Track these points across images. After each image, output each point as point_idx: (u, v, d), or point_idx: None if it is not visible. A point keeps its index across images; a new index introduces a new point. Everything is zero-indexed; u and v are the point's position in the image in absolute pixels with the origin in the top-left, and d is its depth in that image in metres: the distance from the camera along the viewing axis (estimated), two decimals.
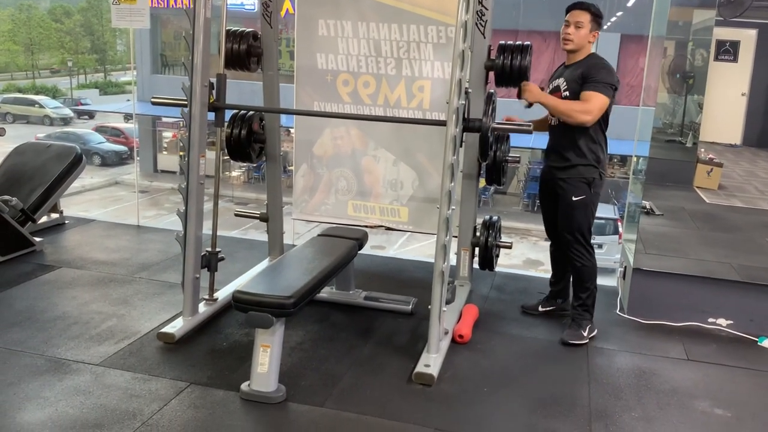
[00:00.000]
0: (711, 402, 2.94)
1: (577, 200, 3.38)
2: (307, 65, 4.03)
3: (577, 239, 3.43)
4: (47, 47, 37.71)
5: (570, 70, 3.39)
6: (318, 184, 4.23)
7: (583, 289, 3.49)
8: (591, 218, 3.44)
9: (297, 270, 3.11)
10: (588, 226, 3.43)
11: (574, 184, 3.38)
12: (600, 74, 3.25)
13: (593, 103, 3.23)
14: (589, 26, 3.33)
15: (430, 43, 3.83)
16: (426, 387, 2.92)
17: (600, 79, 3.23)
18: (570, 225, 3.43)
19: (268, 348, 2.73)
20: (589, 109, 3.23)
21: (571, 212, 3.41)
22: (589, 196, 3.38)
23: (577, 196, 3.38)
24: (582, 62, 3.35)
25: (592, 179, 3.37)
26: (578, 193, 3.38)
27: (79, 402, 2.68)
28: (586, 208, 3.40)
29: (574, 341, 3.41)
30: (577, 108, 3.26)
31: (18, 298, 3.69)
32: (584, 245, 3.44)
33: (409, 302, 3.71)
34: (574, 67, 3.37)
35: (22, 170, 4.84)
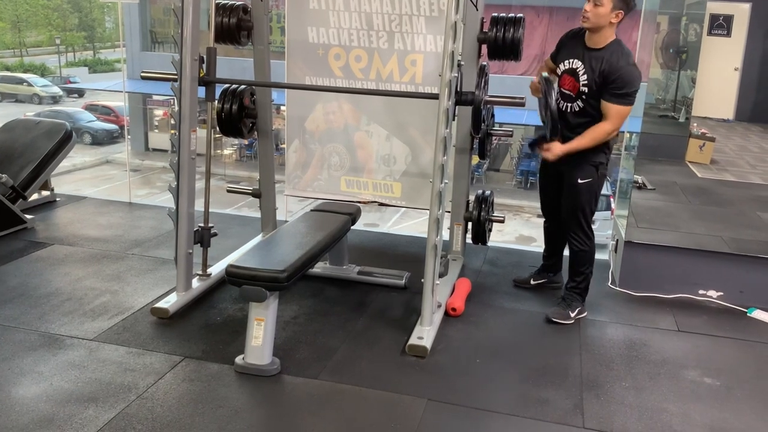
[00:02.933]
0: (700, 371, 2.98)
1: (583, 183, 3.27)
2: (298, 39, 3.99)
3: (579, 223, 3.34)
4: (34, 24, 37.12)
5: (590, 56, 3.14)
6: (310, 159, 4.21)
7: (578, 273, 3.42)
8: (594, 202, 3.34)
9: (290, 244, 3.12)
10: (591, 210, 3.34)
11: (580, 166, 3.26)
12: (626, 82, 3.04)
13: (617, 120, 3.10)
14: (611, 4, 3.02)
15: (423, 16, 3.80)
16: (419, 359, 2.94)
17: (626, 89, 3.05)
18: (573, 207, 3.34)
19: (262, 321, 2.74)
20: (613, 128, 3.13)
21: (576, 194, 3.31)
22: (595, 180, 3.28)
23: (583, 179, 3.26)
24: (604, 52, 3.10)
25: (599, 163, 3.26)
26: (585, 175, 3.26)
27: (74, 376, 2.69)
28: (591, 191, 3.29)
29: (559, 320, 3.36)
30: (601, 133, 3.15)
31: (10, 274, 3.68)
32: (584, 230, 3.36)
33: (402, 276, 3.72)
34: (594, 55, 3.12)
35: (11, 147, 4.80)
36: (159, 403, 2.53)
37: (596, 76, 3.10)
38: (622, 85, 3.04)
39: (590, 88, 3.14)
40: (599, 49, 3.11)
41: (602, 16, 3.04)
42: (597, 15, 3.03)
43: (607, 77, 3.06)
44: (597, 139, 3.15)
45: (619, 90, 3.05)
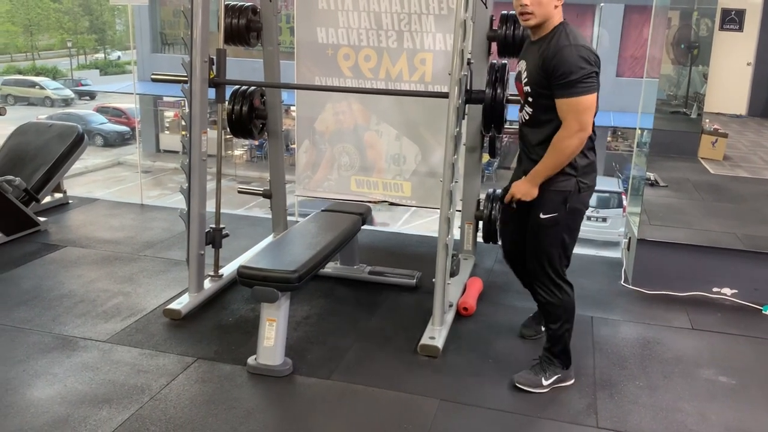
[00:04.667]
0: (715, 370, 2.95)
1: (546, 218, 2.56)
2: (307, 40, 3.99)
3: (543, 269, 2.63)
4: (46, 28, 37.41)
5: (532, 49, 2.55)
6: (320, 160, 4.22)
7: (550, 332, 2.76)
8: (565, 243, 2.62)
9: (301, 245, 3.12)
10: (559, 254, 2.61)
11: (542, 197, 2.56)
12: (569, 64, 2.36)
13: (573, 120, 2.39)
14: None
15: (432, 14, 3.79)
16: (431, 359, 2.94)
17: (573, 75, 2.36)
18: (535, 250, 2.64)
19: (274, 322, 2.74)
20: (573, 131, 2.40)
21: (537, 234, 2.61)
22: (563, 215, 2.55)
23: (546, 213, 2.56)
24: (545, 38, 2.47)
25: (567, 192, 2.53)
26: (547, 209, 2.55)
27: (88, 378, 2.70)
28: (558, 229, 2.58)
29: (526, 387, 2.71)
30: (561, 144, 2.43)
31: (24, 277, 3.71)
32: (551, 277, 2.64)
33: (413, 276, 3.72)
34: (536, 46, 2.51)
35: (24, 150, 4.84)
36: (172, 404, 2.54)
37: (537, 67, 2.48)
38: (566, 70, 2.36)
39: (533, 86, 2.52)
40: (541, 38, 2.50)
41: (546, 4, 2.42)
42: (540, 4, 2.42)
43: (548, 64, 2.41)
44: (562, 154, 2.45)
45: (564, 77, 2.37)
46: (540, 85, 2.48)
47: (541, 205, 2.58)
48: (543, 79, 2.45)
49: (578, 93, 2.38)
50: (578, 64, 2.36)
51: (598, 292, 3.75)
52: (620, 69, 16.88)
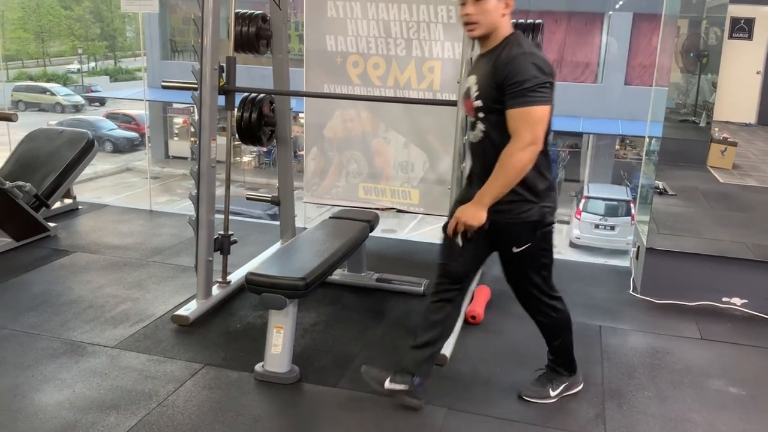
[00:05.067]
0: (725, 381, 2.93)
1: (521, 251, 2.43)
2: (316, 48, 4.01)
3: (533, 296, 2.57)
4: (57, 34, 37.76)
5: (481, 62, 2.39)
6: (328, 166, 4.23)
7: (552, 347, 2.72)
8: (545, 264, 2.52)
9: (309, 252, 3.12)
10: (543, 277, 2.53)
11: (510, 229, 2.41)
12: (520, 72, 2.20)
13: (525, 131, 2.21)
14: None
15: (440, 23, 3.80)
16: (439, 367, 2.92)
17: (526, 84, 2.19)
18: (519, 280, 2.57)
19: (282, 329, 2.74)
20: (524, 144, 2.21)
21: (516, 264, 2.51)
22: (535, 243, 2.43)
23: (519, 246, 2.42)
24: (495, 49, 2.32)
25: (535, 222, 2.39)
26: (519, 242, 2.42)
27: (96, 384, 2.71)
28: (534, 256, 2.47)
29: (533, 399, 2.69)
30: (511, 159, 2.23)
31: (34, 282, 3.73)
32: (543, 301, 2.57)
33: (421, 284, 3.71)
34: (487, 59, 2.34)
35: (35, 156, 4.87)
36: (179, 410, 2.55)
37: (488, 80, 2.30)
38: (518, 78, 2.20)
39: (485, 101, 2.33)
40: (491, 50, 2.34)
41: (491, 12, 2.28)
42: (485, 13, 2.28)
43: (500, 74, 2.25)
44: (512, 170, 2.24)
45: (517, 86, 2.20)
46: (492, 99, 2.29)
47: (510, 239, 2.43)
48: (495, 92, 2.27)
49: (531, 102, 2.20)
50: (531, 72, 2.20)
51: (607, 301, 3.74)
52: (629, 77, 16.86)
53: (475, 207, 2.32)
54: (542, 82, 2.21)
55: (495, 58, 2.29)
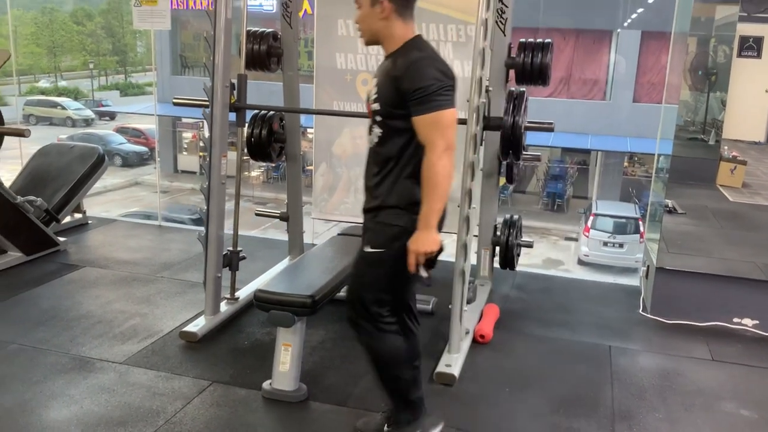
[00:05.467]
0: (737, 403, 2.89)
1: (371, 253, 2.26)
2: (326, 65, 4.04)
3: (362, 303, 2.30)
4: (69, 49, 38.20)
5: (384, 66, 2.27)
6: (337, 183, 4.23)
7: (381, 380, 2.41)
8: (391, 286, 2.30)
9: (317, 269, 3.12)
10: (378, 297, 2.29)
11: (375, 229, 2.26)
12: (420, 76, 2.10)
13: (437, 137, 2.10)
14: (373, 2, 2.19)
15: (450, 41, 3.81)
16: (447, 387, 2.91)
17: (433, 87, 2.09)
18: (354, 283, 2.36)
19: (290, 347, 2.74)
20: (440, 149, 2.09)
21: (360, 266, 2.33)
22: (390, 254, 2.23)
23: (372, 247, 2.26)
24: (396, 54, 2.20)
25: (398, 228, 2.21)
26: (375, 242, 2.25)
27: (104, 400, 2.71)
28: (383, 268, 2.27)
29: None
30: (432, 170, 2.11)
31: (43, 297, 3.74)
32: (371, 313, 2.30)
33: (429, 302, 3.70)
34: (388, 62, 2.24)
35: (46, 171, 4.91)
36: (187, 428, 2.54)
37: (388, 83, 2.19)
38: (421, 84, 2.09)
39: (383, 104, 2.21)
40: (392, 54, 2.23)
41: (366, 19, 2.23)
42: (362, 20, 2.25)
43: (400, 78, 2.14)
44: (440, 179, 2.11)
45: (421, 91, 2.09)
46: (390, 103, 2.18)
47: (370, 236, 2.27)
48: (395, 96, 2.16)
49: (438, 107, 2.10)
50: (434, 76, 2.10)
51: (616, 321, 3.72)
52: (637, 95, 16.88)
53: (425, 233, 2.16)
54: (446, 85, 2.12)
55: (393, 63, 2.19)
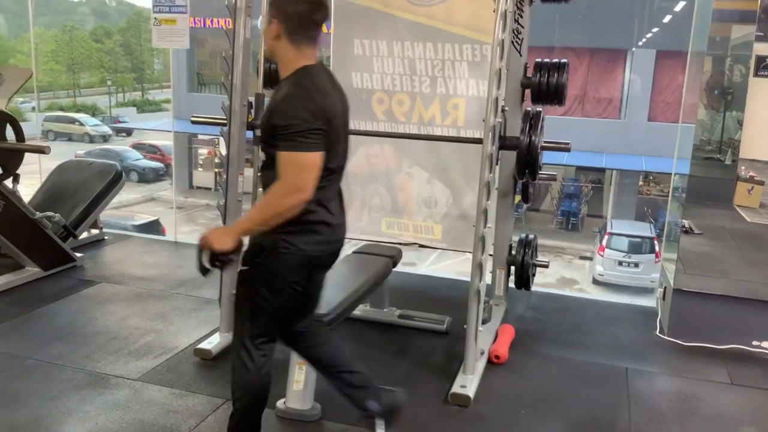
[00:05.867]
0: (756, 428, 2.85)
1: (241, 270, 2.22)
2: (342, 84, 4.05)
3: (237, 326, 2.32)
4: (88, 67, 38.83)
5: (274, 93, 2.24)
6: (352, 201, 4.24)
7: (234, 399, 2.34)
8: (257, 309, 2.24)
9: (332, 287, 3.10)
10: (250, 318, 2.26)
11: (250, 246, 2.20)
12: (283, 114, 2.05)
13: (287, 173, 2.04)
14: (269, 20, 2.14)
15: (465, 61, 3.83)
16: (462, 408, 2.88)
17: (298, 128, 2.02)
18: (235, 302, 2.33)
19: (304, 366, 2.73)
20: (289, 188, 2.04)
21: (237, 285, 2.27)
22: (254, 272, 2.19)
23: (243, 264, 2.20)
24: (284, 82, 2.16)
25: (262, 247, 2.16)
26: (245, 258, 2.19)
27: (119, 417, 2.71)
28: (250, 287, 2.22)
29: None
30: (270, 200, 2.08)
31: (60, 312, 3.77)
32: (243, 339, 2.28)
33: (443, 321, 3.68)
34: (276, 91, 2.21)
35: (64, 187, 4.97)
36: None
37: (268, 110, 2.18)
38: (288, 122, 2.04)
39: (263, 127, 2.18)
40: (284, 79, 2.18)
41: (266, 34, 2.18)
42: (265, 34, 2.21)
43: (274, 111, 2.12)
44: (270, 210, 2.07)
45: (286, 129, 2.04)
46: (266, 133, 2.13)
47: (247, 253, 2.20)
48: (270, 128, 2.10)
49: (299, 148, 2.03)
50: (302, 116, 2.03)
51: (633, 342, 3.68)
52: (652, 114, 16.83)
53: (225, 231, 2.15)
54: (313, 128, 2.03)
55: (277, 91, 2.17)
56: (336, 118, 2.12)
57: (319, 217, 2.17)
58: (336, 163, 2.18)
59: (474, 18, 3.76)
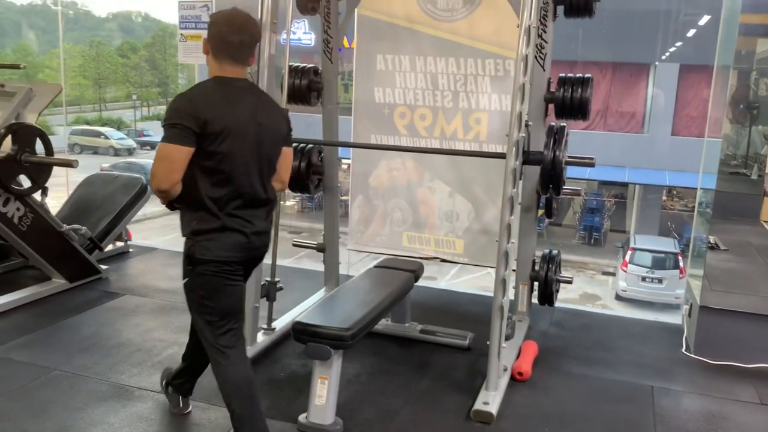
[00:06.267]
0: None
1: (184, 283, 2.44)
2: (365, 99, 4.09)
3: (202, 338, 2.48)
4: (113, 81, 39.56)
5: None
6: (373, 215, 4.25)
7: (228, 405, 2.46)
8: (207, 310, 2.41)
9: (354, 302, 3.12)
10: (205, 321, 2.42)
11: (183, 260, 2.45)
12: (167, 112, 2.33)
13: (155, 162, 2.29)
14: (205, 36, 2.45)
15: (488, 75, 3.84)
16: (485, 425, 2.86)
17: (165, 121, 2.30)
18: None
19: (326, 380, 2.73)
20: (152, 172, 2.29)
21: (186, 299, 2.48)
22: (191, 279, 2.40)
23: (183, 278, 2.44)
24: None
25: (189, 256, 2.39)
26: (184, 272, 2.43)
27: (142, 429, 2.73)
28: (193, 296, 2.43)
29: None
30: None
31: (85, 324, 3.82)
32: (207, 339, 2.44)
33: (465, 337, 3.66)
34: None
35: (91, 200, 5.04)
36: None
37: None
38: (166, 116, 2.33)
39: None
40: None
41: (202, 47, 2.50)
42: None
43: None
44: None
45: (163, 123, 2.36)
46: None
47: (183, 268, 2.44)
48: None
49: (162, 139, 2.28)
50: (170, 109, 2.31)
51: (658, 360, 3.62)
52: (675, 128, 16.66)
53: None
54: (172, 122, 2.25)
55: None
56: (214, 123, 2.28)
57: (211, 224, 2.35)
58: (229, 167, 2.33)
59: (496, 33, 3.77)
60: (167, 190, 2.28)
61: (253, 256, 2.51)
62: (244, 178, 2.37)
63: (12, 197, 3.93)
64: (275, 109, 2.53)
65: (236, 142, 2.32)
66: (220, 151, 2.29)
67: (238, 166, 2.35)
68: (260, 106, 2.45)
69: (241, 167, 2.36)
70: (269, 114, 2.47)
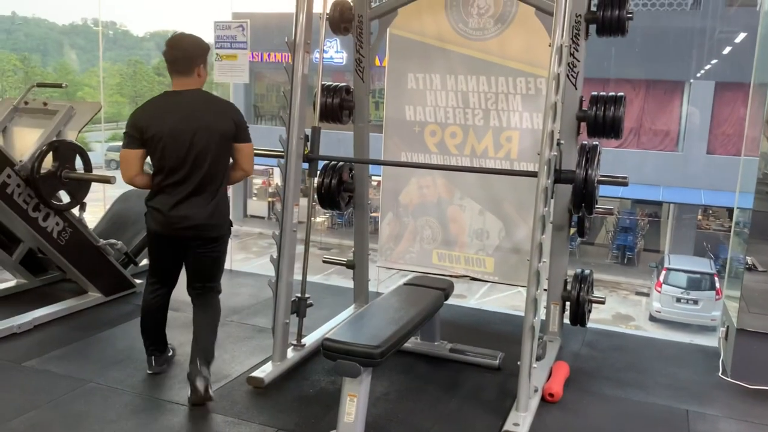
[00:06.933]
0: None
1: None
2: (395, 117, 4.13)
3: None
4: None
5: None
6: (403, 232, 4.26)
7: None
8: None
9: (384, 319, 3.12)
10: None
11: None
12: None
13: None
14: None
15: (519, 94, 3.84)
16: None
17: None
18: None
19: (355, 397, 2.72)
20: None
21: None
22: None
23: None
24: None
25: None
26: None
27: None
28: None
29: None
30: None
31: (119, 337, 3.89)
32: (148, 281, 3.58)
33: (496, 356, 3.62)
34: None
35: (126, 215, 5.15)
36: None
37: None
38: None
39: None
40: None
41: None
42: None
43: None
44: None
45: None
46: None
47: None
48: None
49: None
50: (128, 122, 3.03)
51: (694, 384, 3.54)
52: (711, 146, 16.37)
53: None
54: (125, 131, 3.00)
55: None
56: (149, 130, 2.95)
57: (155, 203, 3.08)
58: (167, 164, 2.98)
59: (527, 52, 3.77)
60: (128, 182, 3.08)
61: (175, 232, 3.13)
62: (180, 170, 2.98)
63: (52, 212, 4.04)
64: (218, 115, 3.03)
65: (169, 143, 2.94)
66: (154, 151, 2.97)
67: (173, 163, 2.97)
68: (198, 113, 2.98)
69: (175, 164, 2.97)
70: (207, 118, 2.99)
